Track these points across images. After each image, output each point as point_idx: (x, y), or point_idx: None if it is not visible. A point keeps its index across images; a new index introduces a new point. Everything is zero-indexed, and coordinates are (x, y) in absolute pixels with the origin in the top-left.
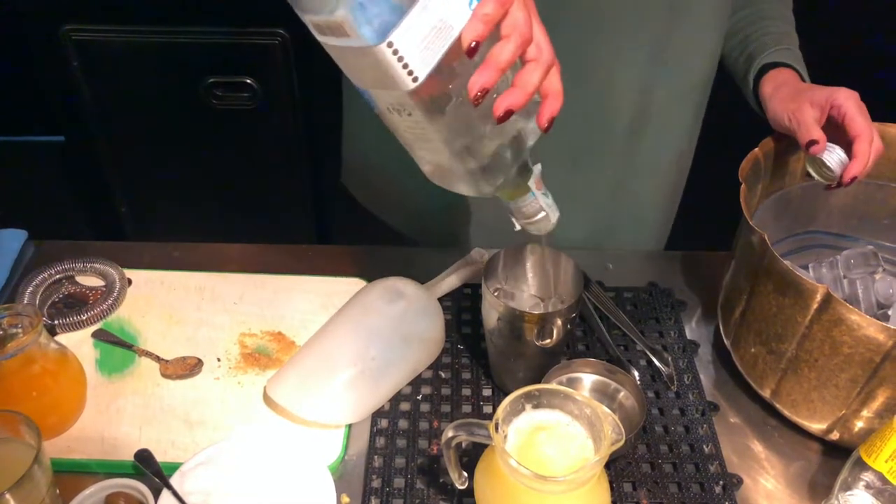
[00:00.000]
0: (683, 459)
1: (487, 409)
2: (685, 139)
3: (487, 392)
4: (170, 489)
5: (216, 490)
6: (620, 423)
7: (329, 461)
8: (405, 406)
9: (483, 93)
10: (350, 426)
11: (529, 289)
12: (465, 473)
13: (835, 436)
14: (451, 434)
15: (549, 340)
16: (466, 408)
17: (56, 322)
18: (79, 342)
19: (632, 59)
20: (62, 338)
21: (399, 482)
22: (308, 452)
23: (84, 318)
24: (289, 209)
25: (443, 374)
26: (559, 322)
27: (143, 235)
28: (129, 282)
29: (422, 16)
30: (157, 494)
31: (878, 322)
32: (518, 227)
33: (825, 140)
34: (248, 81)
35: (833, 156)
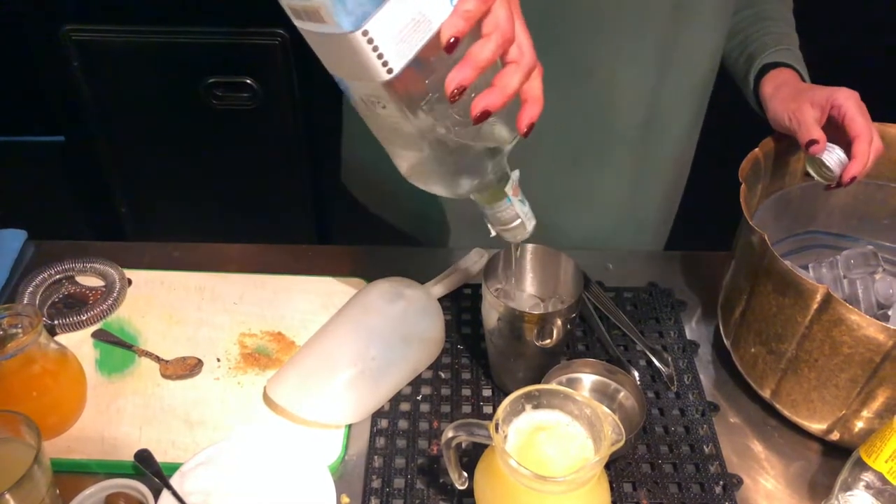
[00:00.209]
0: (683, 460)
1: (487, 410)
2: (686, 139)
3: (487, 392)
4: (170, 489)
5: (216, 490)
6: (620, 424)
7: (329, 461)
8: (405, 406)
9: (460, 90)
10: (350, 426)
11: (529, 289)
12: (465, 474)
13: (835, 436)
14: (451, 434)
15: (549, 340)
16: (466, 408)
17: (56, 322)
18: (79, 342)
19: (633, 60)
20: (62, 338)
21: (399, 482)
22: (308, 452)
23: (84, 319)
24: (289, 209)
25: (443, 375)
26: (559, 322)
27: (143, 235)
28: (129, 282)
29: (400, 7)
30: (157, 495)
31: (878, 322)
32: (493, 234)
33: (825, 140)
34: (248, 81)
35: (833, 156)
